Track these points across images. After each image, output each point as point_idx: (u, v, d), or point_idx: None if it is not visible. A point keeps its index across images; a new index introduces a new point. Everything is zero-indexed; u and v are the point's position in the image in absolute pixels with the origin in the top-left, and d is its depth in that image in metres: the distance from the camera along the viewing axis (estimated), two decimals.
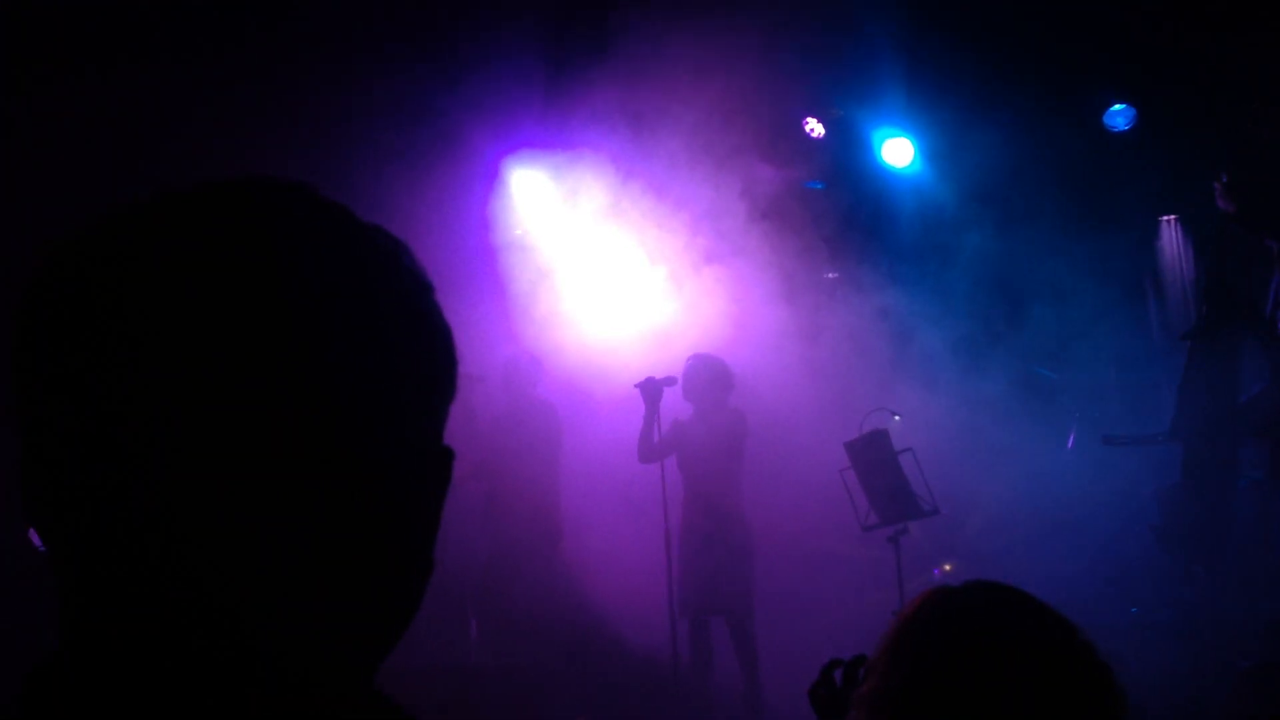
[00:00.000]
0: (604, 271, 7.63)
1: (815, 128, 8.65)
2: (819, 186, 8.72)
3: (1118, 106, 8.28)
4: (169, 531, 0.69)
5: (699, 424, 6.60)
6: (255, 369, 0.69)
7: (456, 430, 0.81)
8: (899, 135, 8.74)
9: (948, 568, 7.35)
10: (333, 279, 0.73)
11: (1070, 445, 7.82)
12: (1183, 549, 6.10)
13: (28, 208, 5.38)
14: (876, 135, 8.79)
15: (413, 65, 6.90)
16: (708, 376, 6.57)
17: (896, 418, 6.69)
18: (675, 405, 6.69)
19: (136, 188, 0.80)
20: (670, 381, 6.59)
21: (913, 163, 8.80)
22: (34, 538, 0.73)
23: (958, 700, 1.55)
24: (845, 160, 8.82)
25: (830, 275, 8.80)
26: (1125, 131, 8.29)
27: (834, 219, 8.37)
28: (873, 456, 6.22)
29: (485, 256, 7.59)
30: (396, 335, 0.76)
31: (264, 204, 0.76)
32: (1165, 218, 9.06)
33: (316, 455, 0.71)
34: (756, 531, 6.51)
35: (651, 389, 6.56)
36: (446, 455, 0.81)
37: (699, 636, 6.48)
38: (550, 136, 7.59)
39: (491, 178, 7.75)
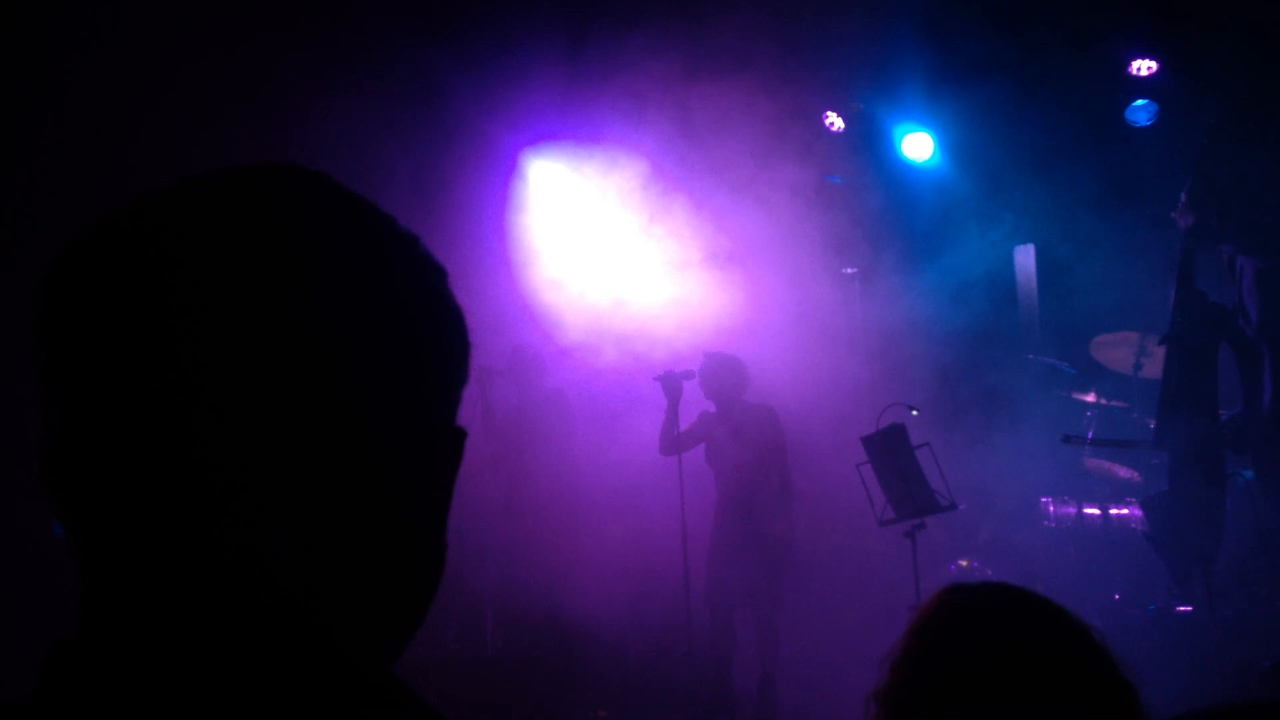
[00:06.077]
0: (621, 264, 7.62)
1: (835, 122, 8.64)
2: (838, 181, 8.70)
3: (1140, 101, 8.22)
4: (187, 514, 0.70)
5: (723, 419, 6.61)
6: (272, 353, 0.70)
7: (475, 422, 0.82)
8: (919, 130, 8.71)
9: (964, 563, 7.33)
10: (348, 263, 0.75)
11: (1089, 440, 7.78)
12: (1176, 554, 6.04)
13: (29, 202, 5.42)
14: (896, 130, 8.76)
15: (429, 53, 6.90)
16: (721, 374, 6.58)
17: (914, 412, 6.66)
18: (698, 398, 6.70)
19: (159, 173, 0.81)
20: (689, 375, 6.59)
21: (932, 157, 8.77)
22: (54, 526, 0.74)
23: (971, 702, 1.54)
24: (865, 155, 8.79)
25: (848, 270, 8.78)
26: (1147, 126, 8.23)
27: (853, 213, 8.35)
28: (890, 451, 6.19)
29: (501, 248, 7.60)
30: (410, 318, 0.77)
31: (287, 190, 0.77)
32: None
33: (333, 438, 0.72)
34: (795, 525, 6.50)
35: (671, 382, 6.57)
36: (458, 435, 0.82)
37: (722, 631, 6.48)
38: (568, 128, 7.59)
39: (509, 170, 7.76)
